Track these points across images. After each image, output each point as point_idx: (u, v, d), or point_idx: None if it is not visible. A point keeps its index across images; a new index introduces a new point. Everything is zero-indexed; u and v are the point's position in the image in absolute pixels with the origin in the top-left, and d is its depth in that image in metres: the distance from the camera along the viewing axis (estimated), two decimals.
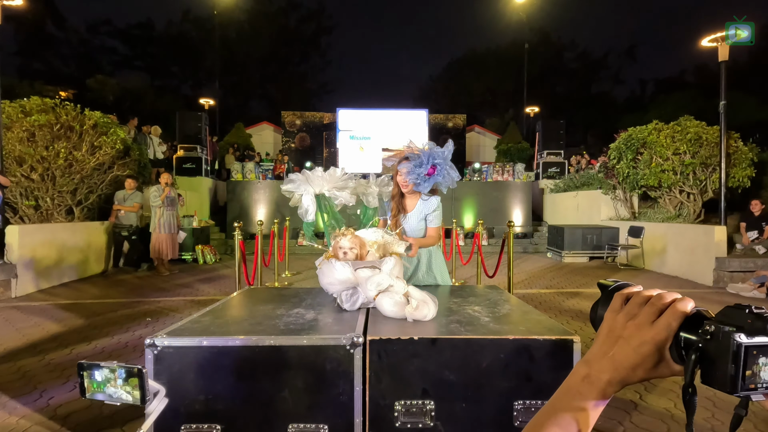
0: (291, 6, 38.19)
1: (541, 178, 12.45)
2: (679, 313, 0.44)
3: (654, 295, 0.47)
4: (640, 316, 0.46)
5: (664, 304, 0.45)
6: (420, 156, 2.37)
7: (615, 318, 0.48)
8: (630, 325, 0.46)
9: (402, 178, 2.46)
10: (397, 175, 2.50)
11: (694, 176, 7.70)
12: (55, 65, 30.16)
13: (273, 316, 1.75)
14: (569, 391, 0.49)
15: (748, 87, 20.31)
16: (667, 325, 0.44)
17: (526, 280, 6.61)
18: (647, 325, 0.45)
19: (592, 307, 0.55)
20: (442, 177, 2.39)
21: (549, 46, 33.09)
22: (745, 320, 0.40)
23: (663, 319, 0.44)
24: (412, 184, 2.42)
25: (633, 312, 0.47)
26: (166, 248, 7.04)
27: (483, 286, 2.50)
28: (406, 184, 2.45)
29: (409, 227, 2.52)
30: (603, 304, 0.53)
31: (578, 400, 0.48)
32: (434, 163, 2.35)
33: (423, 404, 1.42)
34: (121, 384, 0.95)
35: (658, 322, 0.44)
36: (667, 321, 0.44)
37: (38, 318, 4.38)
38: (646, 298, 0.47)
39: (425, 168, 2.35)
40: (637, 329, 0.45)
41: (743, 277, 5.90)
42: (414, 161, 2.39)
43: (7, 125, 6.44)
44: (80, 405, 2.50)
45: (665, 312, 0.44)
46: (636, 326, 0.46)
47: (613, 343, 0.47)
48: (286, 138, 15.68)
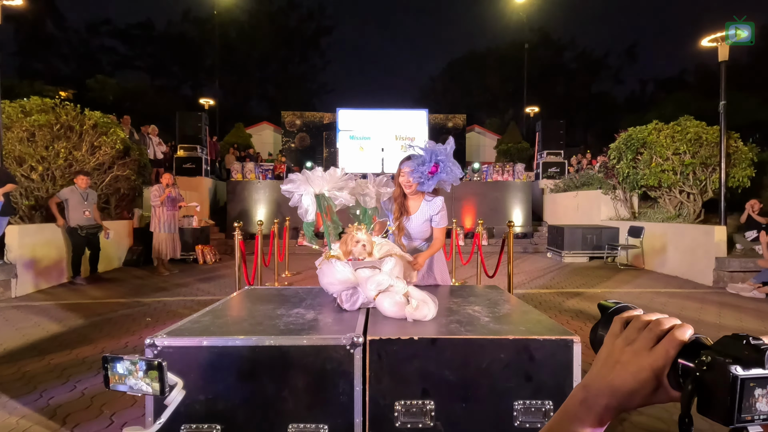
0: (291, 6, 38.24)
1: (541, 178, 12.45)
2: (677, 341, 0.43)
3: (653, 321, 0.46)
4: (638, 342, 0.46)
5: (663, 330, 0.45)
6: (422, 154, 2.31)
7: (614, 342, 0.48)
8: (628, 350, 0.46)
9: (405, 179, 2.38)
10: (399, 176, 2.43)
11: (694, 176, 7.70)
12: (55, 65, 30.22)
13: (273, 316, 1.75)
14: (567, 414, 0.49)
15: (748, 87, 20.32)
16: (665, 353, 0.43)
17: (526, 280, 6.61)
18: (645, 351, 0.45)
19: (592, 329, 0.54)
20: (445, 174, 2.32)
21: (549, 46, 33.13)
22: (741, 351, 0.39)
23: (661, 346, 0.44)
24: (416, 183, 2.35)
25: (632, 337, 0.47)
26: (166, 248, 7.03)
27: (483, 286, 2.50)
28: (409, 183, 2.38)
29: (413, 229, 2.46)
30: (603, 326, 0.52)
31: (575, 424, 0.48)
32: (437, 160, 2.29)
33: (423, 404, 1.42)
34: (142, 376, 1.01)
35: (656, 349, 0.44)
36: (665, 348, 0.44)
37: (38, 318, 4.38)
38: (645, 323, 0.47)
39: (428, 166, 2.28)
40: (635, 355, 0.45)
41: (743, 277, 5.91)
42: (416, 160, 2.33)
43: (7, 125, 6.44)
44: (80, 405, 2.50)
45: (663, 339, 0.44)
46: (634, 352, 0.45)
47: (611, 367, 0.47)
48: (286, 138, 15.68)
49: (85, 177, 6.35)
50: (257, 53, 34.42)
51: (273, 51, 35.95)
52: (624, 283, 6.41)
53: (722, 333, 0.44)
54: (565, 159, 12.71)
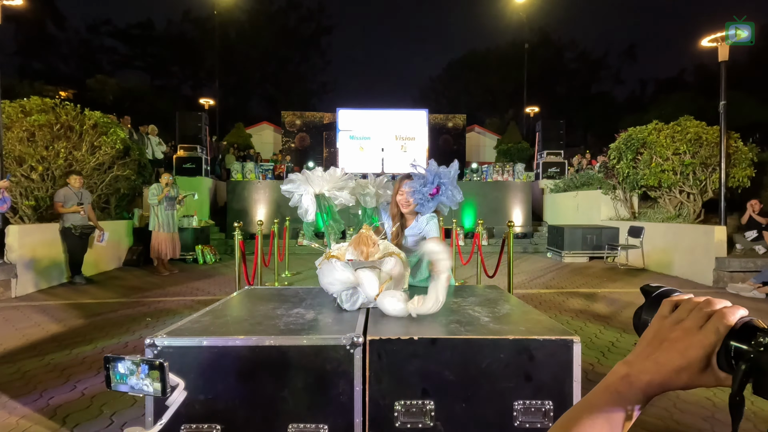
0: (291, 6, 38.25)
1: (541, 178, 12.45)
2: (728, 319, 0.43)
3: (703, 301, 0.46)
4: (687, 321, 0.45)
5: (713, 309, 0.45)
6: (425, 175, 2.22)
7: (662, 323, 0.48)
8: (677, 328, 0.46)
9: (403, 198, 2.31)
10: (397, 194, 2.35)
11: (694, 176, 7.70)
12: (55, 65, 30.25)
13: (273, 316, 1.75)
14: (607, 389, 0.48)
15: (748, 87, 20.32)
16: (715, 330, 0.43)
17: (526, 281, 6.61)
18: (695, 329, 0.44)
19: (636, 313, 0.54)
20: (446, 198, 2.24)
21: (549, 46, 33.14)
22: None
23: (711, 323, 0.44)
24: (415, 204, 2.28)
25: (681, 317, 0.46)
26: (165, 248, 7.02)
27: (483, 286, 2.50)
28: (408, 203, 2.31)
29: (409, 244, 2.40)
30: (647, 310, 0.52)
31: (616, 398, 0.46)
32: (440, 182, 2.22)
33: (423, 404, 1.42)
34: (143, 377, 1.01)
35: (706, 327, 0.44)
36: (714, 326, 0.43)
37: (38, 318, 4.38)
38: (696, 304, 0.46)
39: (430, 188, 2.21)
40: (685, 333, 0.45)
41: (743, 277, 5.90)
42: (418, 180, 2.24)
43: (7, 125, 6.44)
44: (80, 405, 2.50)
45: (713, 317, 0.44)
46: (684, 330, 0.45)
47: (657, 346, 0.46)
48: (286, 138, 15.68)
49: (78, 177, 6.31)
50: (257, 53, 34.43)
51: (273, 51, 35.98)
52: (624, 284, 6.41)
53: None
54: (565, 159, 12.70)
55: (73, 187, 6.20)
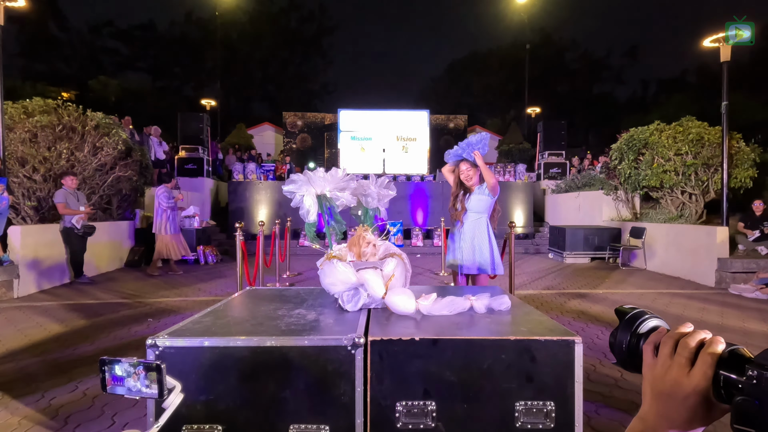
0: (292, 7, 38.29)
1: (543, 179, 12.43)
2: (712, 358, 0.45)
3: (679, 344, 0.47)
4: (673, 369, 0.47)
5: (693, 350, 0.46)
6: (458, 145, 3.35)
7: (653, 374, 0.49)
8: (668, 381, 0.47)
9: (465, 174, 3.31)
10: (460, 173, 3.34)
11: (696, 177, 7.68)
12: (58, 66, 30.28)
13: (274, 316, 1.75)
14: None
15: (750, 87, 20.27)
16: (703, 375, 0.44)
17: (527, 281, 6.60)
18: (684, 378, 0.46)
19: (611, 334, 0.56)
20: (480, 147, 3.29)
21: (550, 47, 33.13)
22: None
23: (698, 369, 0.45)
24: (475, 176, 3.33)
25: (666, 364, 0.48)
26: (173, 249, 7.05)
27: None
28: (469, 177, 3.31)
29: (471, 206, 3.33)
30: (621, 331, 0.55)
31: None
32: (468, 143, 3.32)
33: (424, 405, 1.42)
34: (140, 379, 0.99)
35: (693, 373, 0.45)
36: (701, 371, 0.45)
37: (40, 318, 4.39)
38: (673, 347, 0.48)
39: (464, 148, 3.31)
40: (677, 384, 0.46)
41: (745, 278, 5.89)
42: (459, 148, 3.33)
43: (9, 126, 6.46)
44: (82, 406, 2.51)
45: (698, 361, 0.45)
46: (674, 382, 0.46)
47: (663, 401, 0.48)
48: (288, 139, 15.69)
49: (73, 177, 6.33)
50: (259, 54, 34.51)
51: (274, 52, 36.06)
52: (626, 284, 6.40)
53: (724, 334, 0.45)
54: (566, 159, 12.68)
55: (69, 188, 6.21)
